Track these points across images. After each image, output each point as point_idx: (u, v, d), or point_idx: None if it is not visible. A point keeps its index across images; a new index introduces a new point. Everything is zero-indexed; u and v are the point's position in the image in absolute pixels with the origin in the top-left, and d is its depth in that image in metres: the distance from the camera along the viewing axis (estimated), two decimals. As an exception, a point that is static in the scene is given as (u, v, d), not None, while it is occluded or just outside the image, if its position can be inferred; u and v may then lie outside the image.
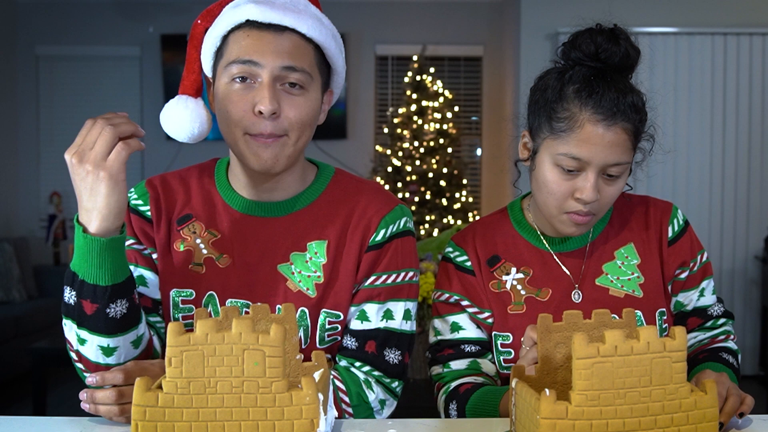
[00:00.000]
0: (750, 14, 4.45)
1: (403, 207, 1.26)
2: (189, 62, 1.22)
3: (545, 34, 4.46)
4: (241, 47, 1.13)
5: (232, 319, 0.91)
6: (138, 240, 1.24)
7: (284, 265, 1.21)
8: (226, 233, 1.23)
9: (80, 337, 1.09)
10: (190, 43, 1.21)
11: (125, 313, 1.08)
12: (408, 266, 1.25)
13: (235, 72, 1.13)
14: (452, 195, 4.80)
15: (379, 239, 1.22)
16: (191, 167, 1.32)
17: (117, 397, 1.02)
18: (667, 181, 4.45)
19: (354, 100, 5.45)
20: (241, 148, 1.15)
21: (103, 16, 5.40)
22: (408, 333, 1.24)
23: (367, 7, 5.39)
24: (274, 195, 1.23)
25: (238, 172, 1.24)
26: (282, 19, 1.13)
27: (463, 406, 1.22)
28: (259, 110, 1.11)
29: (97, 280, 1.05)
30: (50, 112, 5.51)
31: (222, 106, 1.15)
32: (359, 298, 1.23)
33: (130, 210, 1.25)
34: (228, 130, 1.15)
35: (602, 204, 1.21)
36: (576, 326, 0.98)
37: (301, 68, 1.13)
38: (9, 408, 3.84)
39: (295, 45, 1.14)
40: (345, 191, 1.26)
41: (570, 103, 1.17)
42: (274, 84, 1.12)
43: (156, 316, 1.24)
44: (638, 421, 0.83)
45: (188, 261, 1.23)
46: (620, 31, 1.20)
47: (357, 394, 1.18)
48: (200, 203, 1.25)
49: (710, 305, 1.33)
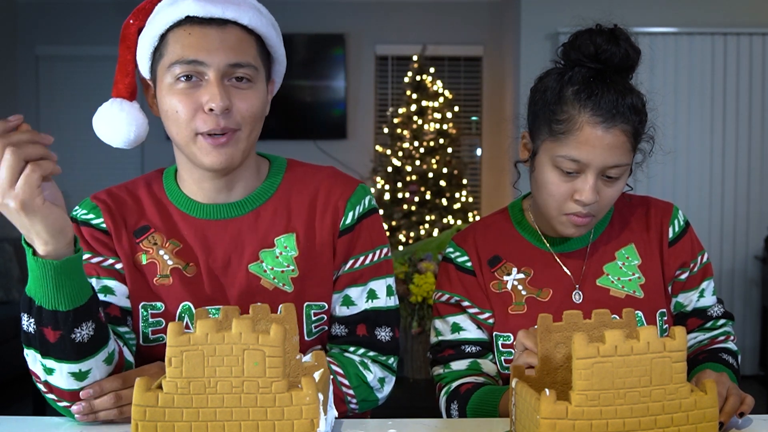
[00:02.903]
0: (750, 14, 4.45)
1: (364, 185, 1.25)
2: (122, 64, 1.17)
3: (545, 34, 4.45)
4: (183, 46, 1.09)
5: (232, 319, 0.91)
6: (95, 252, 1.17)
7: (255, 264, 1.18)
8: (188, 241, 1.19)
9: (47, 367, 1.00)
10: (122, 44, 1.16)
11: (92, 334, 0.99)
12: (380, 243, 1.25)
13: (179, 72, 1.09)
14: (452, 195, 4.80)
15: (348, 222, 1.21)
16: (135, 179, 1.26)
17: (116, 400, 1.02)
18: (668, 181, 4.45)
19: (354, 100, 5.45)
20: (193, 150, 1.11)
21: (103, 16, 5.40)
22: (394, 308, 1.24)
23: (367, 7, 5.39)
24: (232, 194, 1.20)
25: (186, 177, 1.20)
26: (223, 12, 1.09)
27: (464, 406, 1.22)
28: (209, 108, 1.07)
29: (56, 306, 0.96)
30: (50, 112, 5.50)
31: (168, 107, 1.10)
32: (341, 284, 1.22)
33: (79, 224, 1.19)
34: (178, 131, 1.11)
35: (602, 205, 1.21)
36: (576, 326, 0.98)
37: (246, 62, 1.10)
38: (9, 408, 3.84)
39: (239, 39, 1.11)
40: (302, 180, 1.24)
41: (569, 105, 1.17)
42: (221, 81, 1.09)
43: (124, 327, 1.17)
44: (638, 421, 0.83)
45: (153, 274, 1.18)
46: (620, 31, 1.19)
47: (356, 375, 1.19)
48: (155, 214, 1.21)
49: (710, 306, 1.33)
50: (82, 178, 4.96)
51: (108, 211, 1.20)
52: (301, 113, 5.26)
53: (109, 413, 1.02)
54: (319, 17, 5.28)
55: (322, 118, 5.36)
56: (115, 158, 5.13)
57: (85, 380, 1.02)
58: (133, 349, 1.17)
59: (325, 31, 5.26)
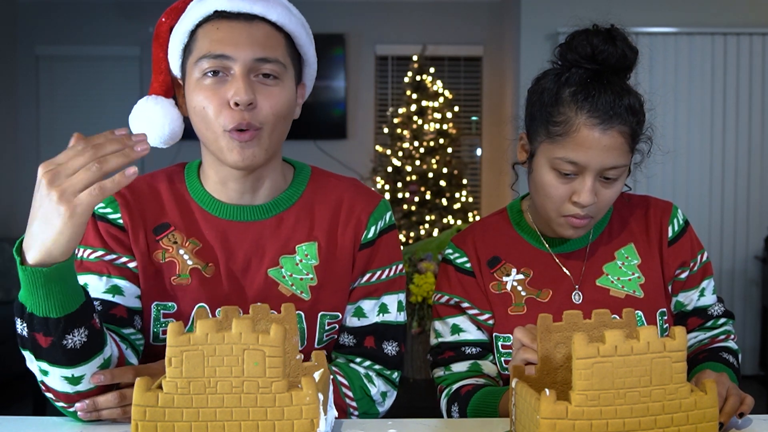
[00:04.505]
0: (750, 14, 4.45)
1: (385, 201, 1.26)
2: (155, 62, 1.17)
3: (545, 34, 4.45)
4: (211, 41, 1.09)
5: (232, 319, 0.91)
6: (109, 249, 1.15)
7: (275, 270, 1.18)
8: (209, 241, 1.18)
9: (41, 368, 0.99)
10: (156, 42, 1.17)
11: (85, 341, 0.97)
12: (397, 259, 1.26)
13: (207, 67, 1.09)
14: (452, 195, 4.80)
15: (370, 237, 1.22)
16: (157, 172, 1.24)
17: (120, 399, 1.02)
18: (667, 181, 4.45)
19: (354, 100, 5.45)
20: (221, 145, 1.10)
21: (103, 16, 5.40)
22: (402, 324, 1.25)
23: (367, 7, 5.39)
24: (257, 197, 1.19)
25: (212, 175, 1.19)
26: (251, 7, 1.10)
27: (465, 408, 1.22)
28: (235, 102, 1.07)
29: (47, 313, 0.93)
30: (50, 112, 5.50)
31: (196, 103, 1.10)
32: (356, 296, 1.23)
33: (96, 218, 1.16)
34: (205, 127, 1.11)
35: (600, 207, 1.20)
36: (576, 326, 0.98)
37: (274, 58, 1.10)
38: (9, 408, 3.84)
39: (267, 34, 1.11)
40: (325, 189, 1.24)
41: (566, 106, 1.16)
42: (247, 75, 1.09)
43: (130, 328, 1.14)
44: (638, 421, 0.83)
45: (172, 273, 1.16)
46: (617, 31, 1.19)
47: (360, 388, 1.19)
48: (176, 211, 1.19)
49: (710, 305, 1.33)
50: (82, 178, 4.96)
51: (126, 206, 1.17)
52: (301, 113, 5.25)
53: (113, 412, 1.02)
54: (319, 17, 5.28)
55: (322, 118, 5.36)
56: (115, 158, 5.13)
57: (79, 385, 1.00)
58: (140, 350, 1.16)
59: (325, 31, 5.26)
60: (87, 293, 0.99)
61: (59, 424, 1.05)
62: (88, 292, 1.02)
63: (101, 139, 0.88)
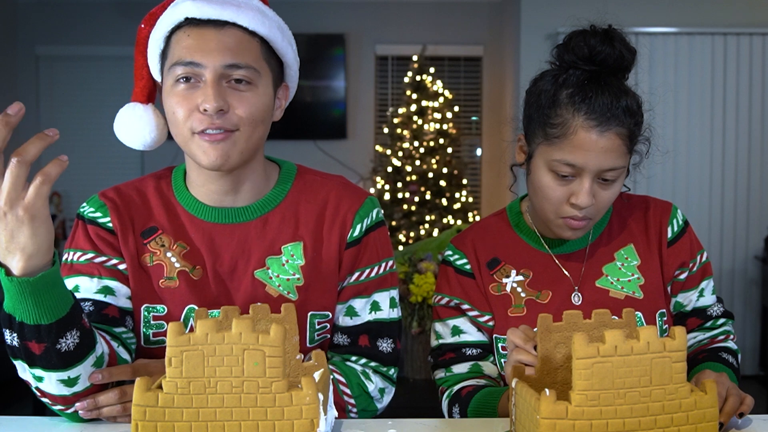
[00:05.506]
0: (750, 14, 4.44)
1: (372, 198, 1.26)
2: (137, 68, 1.19)
3: (545, 34, 4.45)
4: (182, 48, 1.10)
5: (232, 319, 0.91)
6: (99, 252, 1.17)
7: (261, 271, 1.18)
8: (196, 243, 1.18)
9: (36, 375, 1.00)
10: (137, 48, 1.18)
11: (78, 342, 0.98)
12: (386, 256, 1.25)
13: (179, 73, 1.10)
14: (452, 195, 4.80)
15: (356, 235, 1.21)
16: (144, 177, 1.26)
17: (120, 396, 1.02)
18: (667, 181, 4.45)
19: (354, 100, 5.45)
20: (192, 147, 1.11)
21: (103, 16, 5.40)
22: (396, 320, 1.25)
23: (367, 7, 5.39)
24: (239, 198, 1.19)
25: (194, 178, 1.20)
26: (221, 13, 1.09)
27: (466, 409, 1.22)
28: (204, 108, 1.07)
29: (38, 320, 0.94)
30: (50, 112, 5.50)
31: (169, 107, 1.12)
32: (346, 295, 1.23)
33: (86, 222, 1.19)
34: (177, 131, 1.12)
35: (598, 208, 1.20)
36: (576, 326, 0.98)
37: (245, 64, 1.10)
38: (9, 408, 3.84)
39: (238, 40, 1.10)
40: (311, 189, 1.24)
41: (563, 108, 1.16)
42: (218, 82, 1.09)
43: (122, 327, 1.15)
44: (638, 421, 0.83)
45: (159, 276, 1.17)
46: (614, 32, 1.18)
47: (357, 385, 1.19)
48: (163, 215, 1.20)
49: (710, 305, 1.33)
50: (82, 177, 4.95)
51: (115, 210, 1.19)
52: (301, 113, 5.25)
53: (113, 409, 1.03)
54: (319, 17, 5.28)
55: (322, 118, 5.36)
56: (115, 158, 5.13)
57: (75, 386, 1.01)
58: (132, 348, 1.17)
59: (325, 31, 5.26)
60: (74, 296, 1.00)
61: (59, 424, 1.05)
62: (79, 292, 1.04)
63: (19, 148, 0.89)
